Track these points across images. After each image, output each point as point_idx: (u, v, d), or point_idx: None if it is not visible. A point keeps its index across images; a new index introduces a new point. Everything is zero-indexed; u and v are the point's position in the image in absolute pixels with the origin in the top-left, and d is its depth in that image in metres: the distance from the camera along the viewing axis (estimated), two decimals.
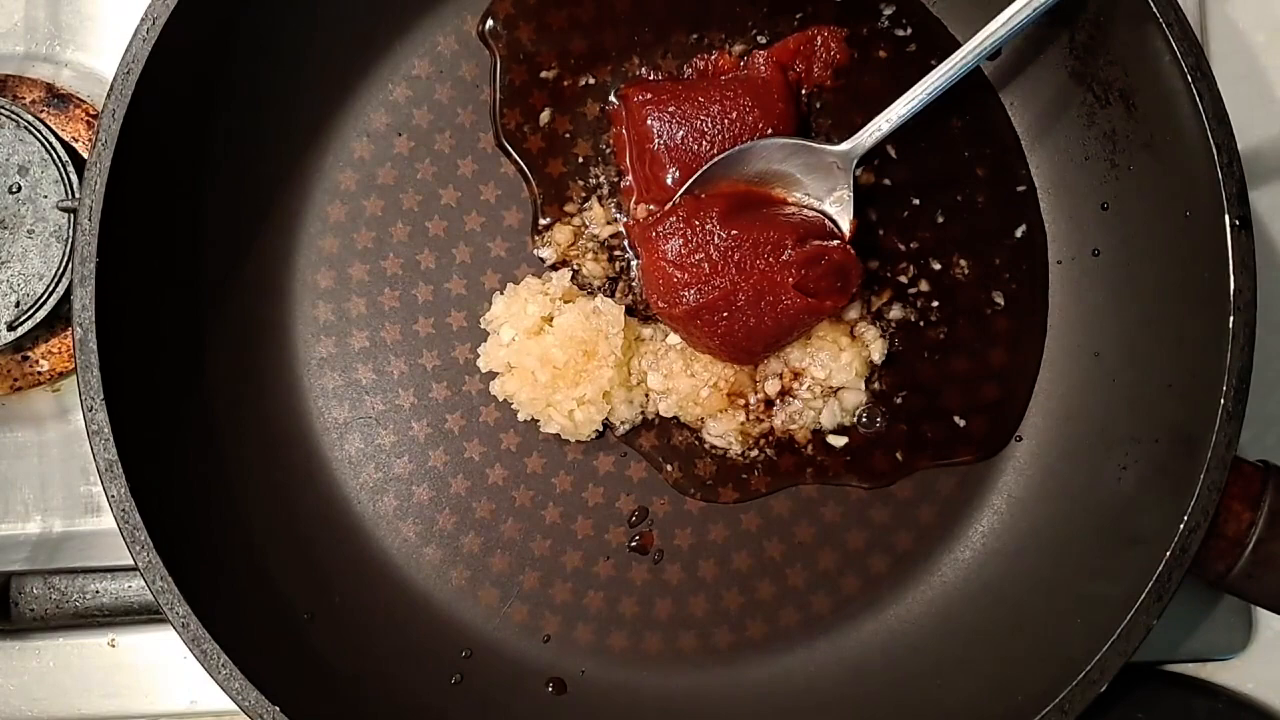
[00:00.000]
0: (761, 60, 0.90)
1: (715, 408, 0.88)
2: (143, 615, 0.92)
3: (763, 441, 0.90)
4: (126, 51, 0.77)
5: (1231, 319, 0.73)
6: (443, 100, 0.92)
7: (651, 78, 0.91)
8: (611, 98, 0.91)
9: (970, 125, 0.90)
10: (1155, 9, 0.75)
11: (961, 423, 0.89)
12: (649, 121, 0.87)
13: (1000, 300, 0.90)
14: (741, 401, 0.89)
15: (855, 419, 0.90)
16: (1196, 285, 0.76)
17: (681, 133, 0.87)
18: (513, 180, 0.92)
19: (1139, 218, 0.84)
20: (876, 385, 0.90)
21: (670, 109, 0.87)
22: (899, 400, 0.90)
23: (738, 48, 0.91)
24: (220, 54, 0.84)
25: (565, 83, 0.91)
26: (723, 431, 0.89)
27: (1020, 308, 0.90)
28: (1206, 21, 0.96)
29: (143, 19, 0.77)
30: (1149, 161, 0.82)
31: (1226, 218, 0.74)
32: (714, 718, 0.87)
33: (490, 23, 0.91)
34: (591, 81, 0.91)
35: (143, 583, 0.76)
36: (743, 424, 0.89)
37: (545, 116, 0.91)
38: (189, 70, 0.81)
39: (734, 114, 0.87)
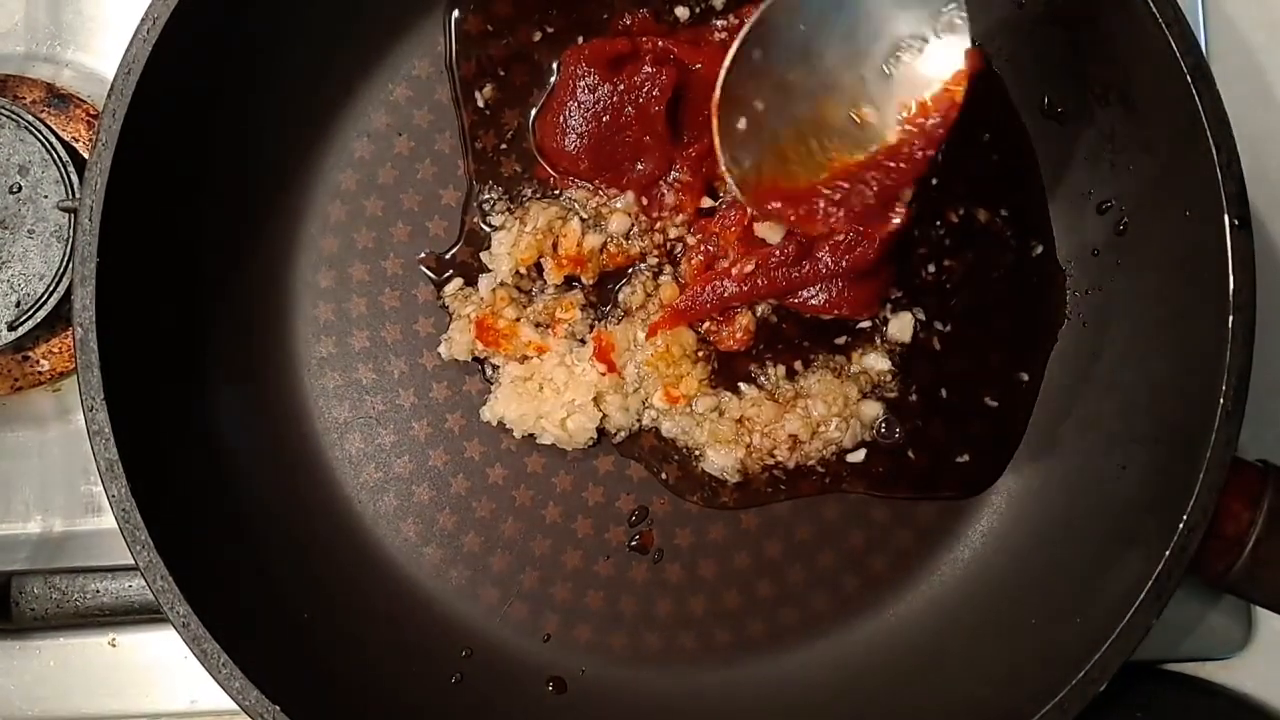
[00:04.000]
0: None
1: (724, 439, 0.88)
2: (143, 615, 0.92)
3: (766, 475, 0.90)
4: (127, 52, 0.77)
5: (1231, 319, 0.73)
6: (443, 100, 0.92)
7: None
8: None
9: (969, 128, 0.90)
10: (1155, 9, 0.75)
11: (964, 459, 0.90)
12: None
13: (1000, 300, 0.90)
14: (747, 440, 0.89)
15: (875, 432, 0.90)
16: (1196, 285, 0.77)
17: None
18: (513, 180, 0.92)
19: (1139, 218, 0.84)
20: (892, 394, 0.90)
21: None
22: (913, 398, 0.90)
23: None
24: (220, 54, 0.84)
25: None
26: (723, 465, 0.88)
27: (1021, 308, 0.90)
28: (1206, 21, 0.96)
29: (143, 19, 0.77)
30: (1149, 161, 0.82)
31: (1226, 217, 0.74)
32: (714, 718, 0.87)
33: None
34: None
35: (143, 582, 0.76)
36: (743, 458, 0.89)
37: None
38: (189, 70, 0.81)
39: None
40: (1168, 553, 0.73)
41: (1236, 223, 0.73)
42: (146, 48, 0.77)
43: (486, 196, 0.91)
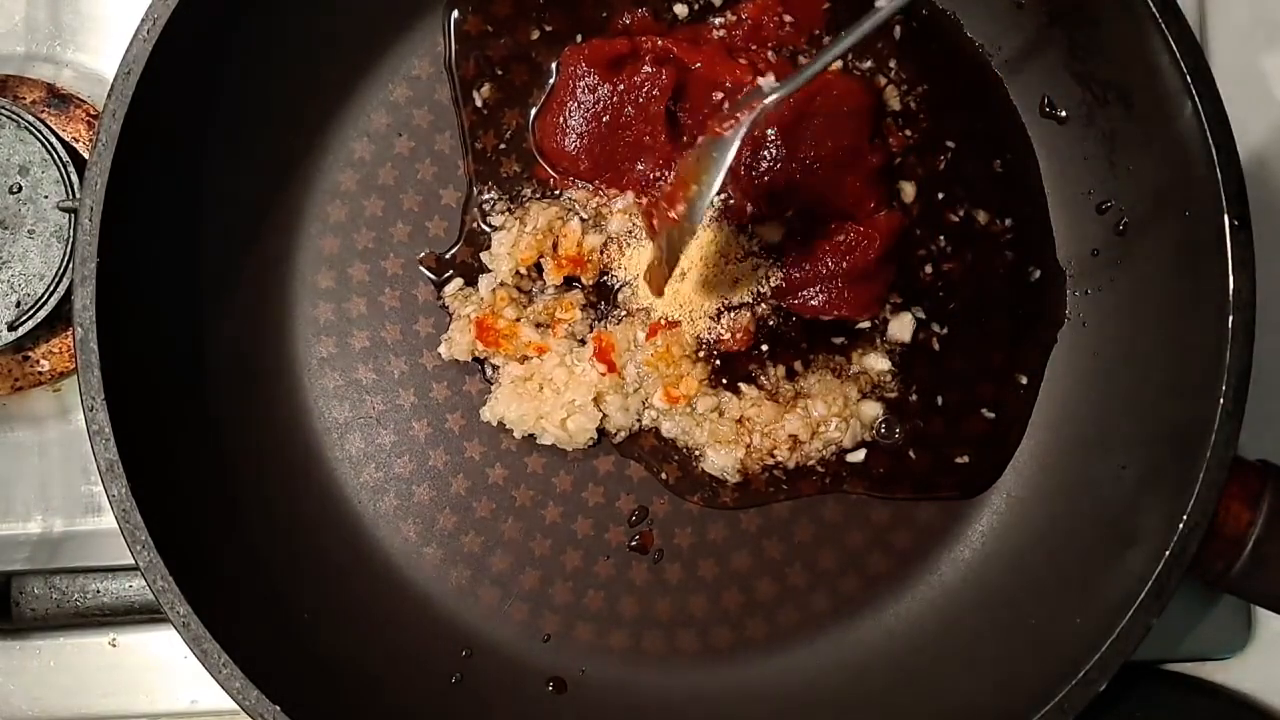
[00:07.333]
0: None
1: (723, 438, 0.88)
2: (143, 615, 0.92)
3: (766, 475, 0.90)
4: (127, 52, 0.77)
5: (1231, 319, 0.73)
6: (443, 100, 0.92)
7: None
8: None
9: (970, 128, 0.90)
10: (1155, 9, 0.75)
11: (964, 459, 0.90)
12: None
13: (1000, 301, 0.90)
14: (747, 440, 0.89)
15: (875, 432, 0.90)
16: (1196, 285, 0.77)
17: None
18: (513, 180, 0.92)
19: (1139, 217, 0.84)
20: (892, 394, 0.90)
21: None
22: (913, 398, 0.90)
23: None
24: (220, 54, 0.84)
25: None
26: (723, 466, 0.88)
27: (1020, 309, 0.90)
28: (1206, 21, 0.96)
29: (143, 19, 0.77)
30: (1149, 161, 0.82)
31: (1225, 217, 0.74)
32: (714, 718, 0.87)
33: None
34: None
35: (143, 582, 0.77)
36: (743, 458, 0.89)
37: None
38: (189, 70, 0.81)
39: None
40: (1168, 553, 0.74)
41: (1236, 223, 0.73)
42: (146, 48, 0.77)
43: (486, 196, 0.91)
